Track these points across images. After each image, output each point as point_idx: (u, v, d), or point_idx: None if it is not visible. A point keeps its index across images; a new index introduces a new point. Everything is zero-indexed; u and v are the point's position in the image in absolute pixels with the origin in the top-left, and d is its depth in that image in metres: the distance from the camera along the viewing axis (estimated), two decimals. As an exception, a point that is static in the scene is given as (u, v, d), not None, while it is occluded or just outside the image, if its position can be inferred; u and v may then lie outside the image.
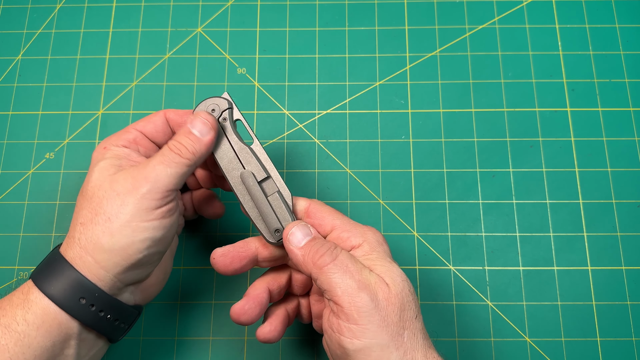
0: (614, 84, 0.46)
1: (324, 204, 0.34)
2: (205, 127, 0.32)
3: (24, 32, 0.49)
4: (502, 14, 0.49)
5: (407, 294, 0.29)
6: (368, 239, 0.31)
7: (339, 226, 0.32)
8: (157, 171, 0.30)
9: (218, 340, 0.41)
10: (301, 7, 0.49)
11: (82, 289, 0.29)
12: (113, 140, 0.33)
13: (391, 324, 0.27)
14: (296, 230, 0.31)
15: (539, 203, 0.43)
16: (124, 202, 0.29)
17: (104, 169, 0.31)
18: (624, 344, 0.40)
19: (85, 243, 0.29)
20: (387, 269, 0.29)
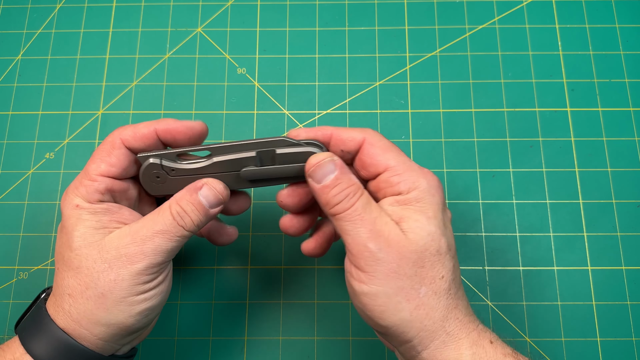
0: (614, 84, 0.46)
1: (382, 138, 0.30)
2: (216, 200, 0.30)
3: (24, 32, 0.49)
4: (502, 14, 0.49)
5: (431, 253, 0.27)
6: (420, 186, 0.28)
7: (392, 168, 0.29)
8: (156, 244, 0.28)
9: (218, 340, 0.41)
10: (301, 7, 0.49)
11: (80, 358, 0.28)
12: (83, 195, 0.29)
13: (403, 276, 0.27)
14: (319, 166, 0.29)
15: (539, 203, 0.43)
16: (117, 276, 0.27)
17: (87, 235, 0.28)
18: (624, 344, 0.40)
19: (77, 317, 0.28)
20: (417, 224, 0.28)
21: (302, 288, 0.42)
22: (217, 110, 0.46)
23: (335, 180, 0.28)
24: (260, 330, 0.41)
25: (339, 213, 0.28)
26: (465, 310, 0.28)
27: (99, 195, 0.29)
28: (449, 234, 0.29)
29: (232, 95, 0.47)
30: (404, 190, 0.29)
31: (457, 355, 0.27)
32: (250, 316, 0.41)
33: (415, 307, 0.27)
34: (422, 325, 0.27)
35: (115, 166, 0.30)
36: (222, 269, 0.42)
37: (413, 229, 0.27)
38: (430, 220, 0.28)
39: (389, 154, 0.29)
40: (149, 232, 0.28)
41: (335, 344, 0.40)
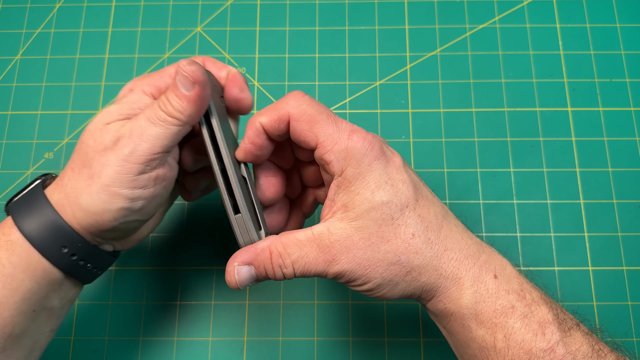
0: (614, 84, 0.46)
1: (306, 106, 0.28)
2: (187, 81, 0.28)
3: (23, 31, 0.49)
4: (503, 14, 0.49)
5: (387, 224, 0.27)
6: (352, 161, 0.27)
7: (321, 144, 0.27)
8: (142, 129, 0.28)
9: (217, 340, 0.41)
10: (301, 7, 0.49)
11: (65, 238, 0.28)
12: (143, 84, 0.30)
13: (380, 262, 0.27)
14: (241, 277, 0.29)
15: (540, 203, 0.43)
16: (107, 160, 0.27)
17: (107, 113, 0.29)
18: (625, 344, 0.40)
19: (69, 192, 0.28)
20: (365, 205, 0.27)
21: (302, 288, 0.42)
22: (217, 110, 0.46)
23: (259, 272, 0.29)
24: (260, 331, 0.41)
25: (293, 276, 0.28)
26: (458, 246, 0.28)
27: (155, 89, 0.30)
28: (400, 188, 0.27)
29: (232, 95, 0.47)
30: (339, 169, 0.27)
31: (458, 296, 0.27)
32: (250, 317, 0.41)
33: (405, 275, 0.27)
34: (420, 283, 0.27)
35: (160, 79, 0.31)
36: (221, 269, 0.42)
37: (360, 214, 0.27)
38: (374, 193, 0.27)
39: (316, 126, 0.27)
40: (140, 119, 0.28)
41: (335, 345, 0.40)
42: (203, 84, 0.28)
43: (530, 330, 0.26)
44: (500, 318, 0.26)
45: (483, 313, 0.26)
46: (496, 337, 0.26)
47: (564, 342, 0.26)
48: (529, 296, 0.27)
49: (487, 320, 0.26)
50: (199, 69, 0.28)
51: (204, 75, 0.28)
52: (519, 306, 0.26)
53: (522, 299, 0.27)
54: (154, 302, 0.41)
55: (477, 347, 0.27)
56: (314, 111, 0.28)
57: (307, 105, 0.28)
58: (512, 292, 0.27)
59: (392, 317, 0.41)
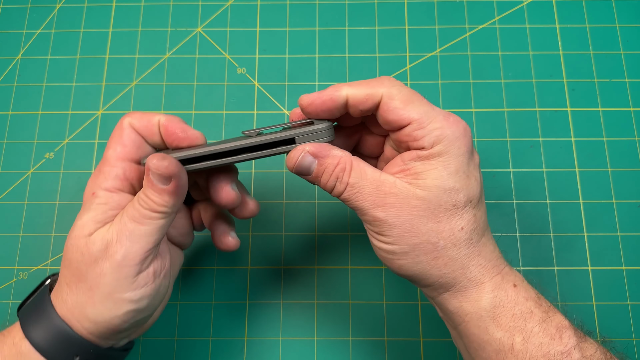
0: (614, 84, 0.46)
1: (401, 87, 0.28)
2: (162, 178, 0.28)
3: (24, 32, 0.49)
4: (502, 14, 0.49)
5: (446, 207, 0.27)
6: (443, 140, 0.27)
7: (415, 121, 0.27)
8: (129, 231, 0.27)
9: (218, 340, 0.41)
10: (301, 7, 0.49)
11: (77, 347, 0.28)
12: (101, 182, 0.29)
13: (418, 233, 0.27)
14: (298, 166, 0.29)
15: (539, 203, 0.43)
16: (102, 270, 0.27)
17: (83, 225, 0.28)
18: (625, 344, 0.40)
19: (72, 307, 0.28)
20: (436, 181, 0.27)
21: (302, 288, 0.42)
22: (217, 110, 0.46)
23: (319, 169, 0.28)
24: (260, 331, 0.41)
25: (339, 195, 0.28)
26: (489, 256, 0.28)
27: (118, 181, 0.29)
28: (472, 183, 0.28)
29: (232, 95, 0.47)
30: (427, 145, 0.27)
31: (477, 297, 0.27)
32: (250, 316, 0.41)
33: (433, 259, 0.27)
34: (441, 273, 0.28)
35: (127, 145, 0.30)
36: (222, 269, 0.42)
37: (429, 186, 0.27)
38: (451, 175, 0.27)
39: (411, 105, 0.28)
40: (123, 220, 0.28)
41: (335, 345, 0.40)
42: (179, 175, 0.28)
43: (548, 334, 0.26)
44: (519, 322, 0.27)
45: (502, 316, 0.27)
46: (514, 340, 0.27)
47: (579, 347, 0.26)
48: (545, 304, 0.28)
49: (506, 323, 0.27)
50: (171, 163, 0.28)
51: (177, 166, 0.28)
52: (537, 312, 0.27)
53: (540, 306, 0.27)
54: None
55: (493, 349, 0.27)
56: (408, 91, 0.28)
57: (401, 86, 0.28)
58: (530, 300, 0.28)
59: (392, 317, 0.41)
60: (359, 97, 0.28)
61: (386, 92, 0.28)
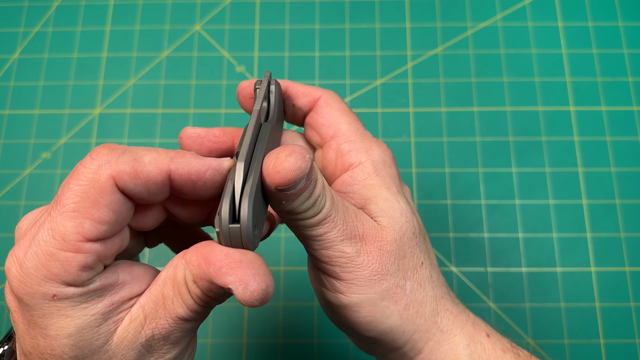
0: (617, 83, 0.46)
1: (341, 101, 0.26)
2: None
3: (21, 30, 0.49)
4: (505, 12, 0.48)
5: (409, 237, 0.23)
6: (373, 157, 0.24)
7: (343, 134, 0.25)
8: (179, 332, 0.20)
9: (216, 343, 0.40)
10: (301, 5, 0.49)
11: None
12: (61, 277, 0.17)
13: (387, 275, 0.22)
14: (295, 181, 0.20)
15: (542, 203, 0.43)
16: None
17: (86, 340, 0.18)
18: (628, 346, 0.40)
19: None
20: (387, 203, 0.23)
21: (302, 290, 0.41)
22: (216, 109, 0.46)
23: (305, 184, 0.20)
24: (260, 333, 0.40)
25: (307, 219, 0.21)
26: (451, 298, 0.25)
27: (88, 273, 0.18)
28: (415, 210, 0.25)
29: (231, 94, 0.46)
30: (356, 161, 0.24)
31: (454, 357, 0.23)
32: (250, 319, 0.41)
33: (404, 308, 0.23)
34: (415, 326, 0.23)
35: (107, 223, 0.18)
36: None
37: (386, 212, 0.23)
38: (397, 196, 0.24)
39: (344, 117, 0.25)
40: (169, 319, 0.19)
41: (335, 347, 0.40)
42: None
43: None
44: None
45: None
46: None
47: None
48: (522, 353, 0.25)
49: None
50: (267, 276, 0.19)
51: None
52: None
53: (518, 357, 0.25)
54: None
55: None
56: (346, 107, 0.26)
57: (341, 100, 0.27)
58: (507, 351, 0.24)
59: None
60: (296, 92, 0.26)
61: (325, 97, 0.26)
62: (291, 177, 0.19)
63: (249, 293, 0.17)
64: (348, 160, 0.24)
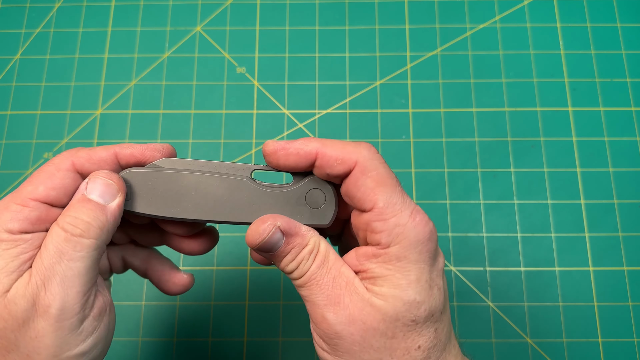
0: (615, 84, 0.46)
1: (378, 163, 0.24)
2: (109, 190, 0.24)
3: (23, 31, 0.49)
4: (503, 13, 0.49)
5: (405, 322, 0.23)
6: (404, 241, 0.24)
7: (379, 210, 0.24)
8: (60, 273, 0.22)
9: (217, 341, 0.40)
10: (301, 6, 0.49)
11: None
12: (6, 222, 0.22)
13: (369, 349, 0.23)
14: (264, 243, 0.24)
15: (541, 203, 0.43)
16: (37, 332, 0.22)
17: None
18: (626, 345, 0.40)
19: None
20: (395, 291, 0.24)
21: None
22: (217, 110, 0.46)
23: (284, 248, 0.24)
24: (260, 332, 0.41)
25: (295, 279, 0.24)
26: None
27: (28, 224, 0.23)
28: (435, 294, 0.24)
29: (232, 95, 0.46)
30: (385, 243, 0.24)
31: None
32: (250, 317, 0.41)
33: None
34: None
35: (56, 190, 0.23)
36: (221, 269, 0.42)
37: (386, 296, 0.23)
38: (411, 285, 0.24)
39: (380, 189, 0.24)
40: (45, 261, 0.22)
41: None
42: (125, 191, 0.25)
43: None
44: None
45: None
46: None
47: None
48: None
49: None
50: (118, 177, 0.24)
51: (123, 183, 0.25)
52: None
53: None
54: (153, 303, 0.41)
55: None
56: (384, 170, 0.24)
57: (379, 162, 0.24)
58: None
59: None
60: (329, 159, 0.24)
61: (361, 162, 0.24)
62: (251, 241, 0.24)
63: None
64: (378, 239, 0.24)
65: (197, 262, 0.42)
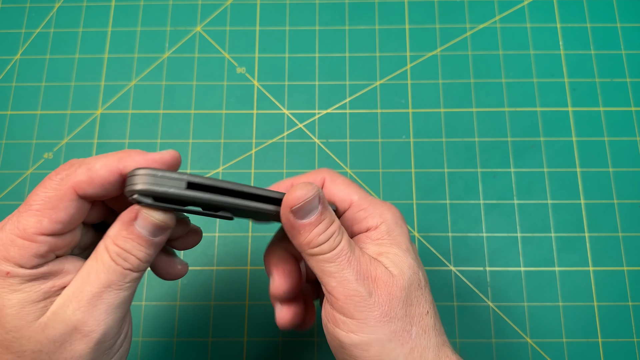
0: (615, 84, 0.46)
1: (340, 174, 0.30)
2: (157, 227, 0.24)
3: (23, 31, 0.49)
4: (503, 13, 0.49)
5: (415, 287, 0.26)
6: (386, 220, 0.27)
7: (356, 203, 0.28)
8: (108, 303, 0.23)
9: (217, 341, 0.40)
10: (301, 6, 0.49)
11: None
12: (16, 259, 0.22)
13: (395, 318, 0.24)
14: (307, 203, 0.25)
15: (541, 203, 0.43)
16: (73, 354, 0.22)
17: (24, 312, 0.22)
18: (626, 344, 0.40)
19: None
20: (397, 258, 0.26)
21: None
22: (217, 110, 0.46)
23: (320, 217, 0.25)
24: (260, 332, 0.41)
25: (323, 253, 0.25)
26: (450, 348, 0.27)
27: (40, 259, 0.22)
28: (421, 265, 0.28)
29: (232, 95, 0.47)
30: (373, 225, 0.27)
31: None
32: (250, 317, 0.41)
33: (409, 351, 0.24)
34: None
35: (62, 223, 0.23)
36: (221, 269, 0.42)
37: (396, 264, 0.26)
38: (406, 252, 0.27)
39: (351, 188, 0.28)
40: (94, 288, 0.23)
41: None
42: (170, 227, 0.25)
43: None
44: None
45: None
46: None
47: None
48: None
49: None
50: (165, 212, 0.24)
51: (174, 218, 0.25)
52: None
53: None
54: (153, 303, 0.41)
55: None
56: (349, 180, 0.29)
57: (343, 177, 0.29)
58: None
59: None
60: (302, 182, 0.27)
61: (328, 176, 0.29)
62: (291, 201, 0.24)
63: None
64: (365, 225, 0.27)
65: (197, 262, 0.42)
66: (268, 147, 0.45)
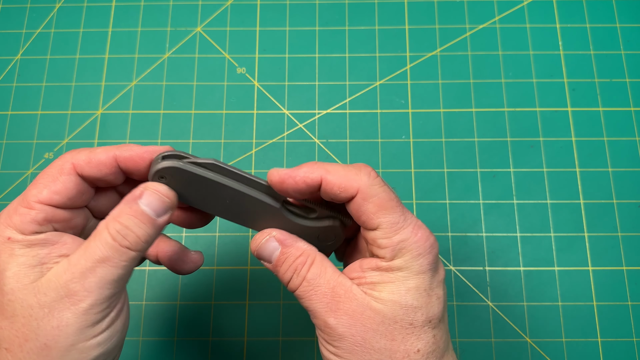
0: (615, 84, 0.46)
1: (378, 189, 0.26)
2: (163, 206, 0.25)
3: (23, 31, 0.49)
4: (503, 14, 0.49)
5: (402, 325, 0.25)
6: (406, 255, 0.26)
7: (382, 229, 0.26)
8: (99, 276, 0.23)
9: (217, 340, 0.41)
10: (301, 7, 0.49)
11: None
12: (17, 225, 0.24)
13: (370, 350, 0.25)
14: (261, 249, 0.27)
15: (540, 203, 0.43)
16: (60, 322, 0.23)
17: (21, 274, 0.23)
18: (625, 344, 0.40)
19: None
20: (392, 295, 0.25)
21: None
22: (217, 110, 0.46)
23: (280, 257, 0.27)
24: (260, 331, 0.41)
25: (294, 290, 0.26)
26: None
27: (36, 225, 0.24)
28: (434, 302, 0.26)
29: (232, 95, 0.47)
30: (388, 257, 0.26)
31: None
32: (250, 317, 0.41)
33: None
34: None
35: (59, 194, 0.25)
36: (221, 269, 0.42)
37: (384, 300, 0.25)
38: (409, 291, 0.25)
39: (382, 212, 0.26)
40: (88, 262, 0.23)
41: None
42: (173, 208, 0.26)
43: None
44: None
45: None
46: None
47: None
48: None
49: None
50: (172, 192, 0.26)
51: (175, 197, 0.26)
52: None
53: None
54: (153, 302, 0.41)
55: None
56: (385, 195, 0.26)
57: (379, 186, 0.26)
58: None
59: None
60: (332, 186, 0.26)
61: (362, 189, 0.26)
62: (251, 247, 0.27)
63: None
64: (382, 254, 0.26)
65: (198, 262, 0.42)
66: (268, 147, 0.45)
